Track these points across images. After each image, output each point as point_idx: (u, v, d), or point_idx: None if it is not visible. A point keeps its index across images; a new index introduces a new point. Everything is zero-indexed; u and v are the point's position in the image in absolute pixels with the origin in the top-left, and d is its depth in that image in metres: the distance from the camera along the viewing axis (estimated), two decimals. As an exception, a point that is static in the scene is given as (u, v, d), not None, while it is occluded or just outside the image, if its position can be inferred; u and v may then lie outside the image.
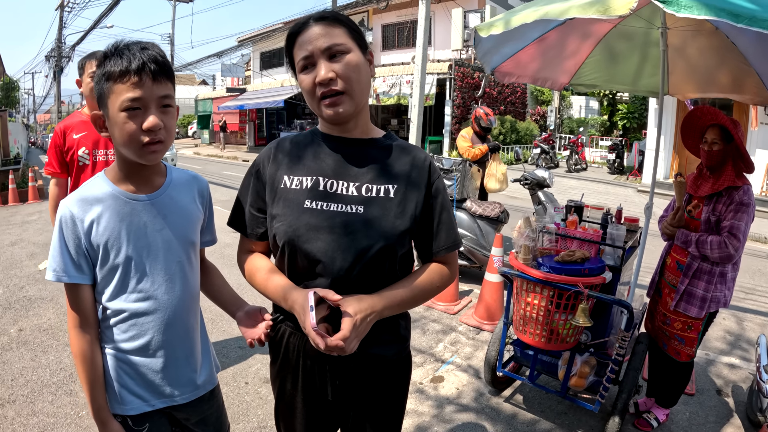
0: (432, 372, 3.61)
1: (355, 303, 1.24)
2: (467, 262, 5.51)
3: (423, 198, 1.38)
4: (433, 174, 1.42)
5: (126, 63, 1.26)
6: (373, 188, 1.34)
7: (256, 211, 1.43)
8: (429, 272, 1.42)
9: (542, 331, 2.62)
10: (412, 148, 1.44)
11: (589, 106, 23.04)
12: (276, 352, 1.49)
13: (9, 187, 11.26)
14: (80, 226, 1.35)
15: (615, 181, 15.16)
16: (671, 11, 1.85)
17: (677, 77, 3.34)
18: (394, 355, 1.45)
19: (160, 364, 1.46)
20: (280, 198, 1.36)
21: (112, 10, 24.22)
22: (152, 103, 1.29)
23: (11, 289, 5.35)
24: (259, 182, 1.43)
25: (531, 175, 5.37)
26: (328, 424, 1.52)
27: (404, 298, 1.35)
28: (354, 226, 1.30)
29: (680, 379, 2.87)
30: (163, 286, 1.43)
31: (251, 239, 1.46)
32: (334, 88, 1.27)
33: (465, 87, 18.29)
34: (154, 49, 1.31)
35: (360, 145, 1.40)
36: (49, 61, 29.59)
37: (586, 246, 2.85)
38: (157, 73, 1.28)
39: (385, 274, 1.35)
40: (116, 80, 1.26)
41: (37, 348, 3.95)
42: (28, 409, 3.12)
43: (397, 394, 1.51)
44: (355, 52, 1.30)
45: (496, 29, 2.45)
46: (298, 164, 1.39)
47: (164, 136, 1.32)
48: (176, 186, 1.49)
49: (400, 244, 1.34)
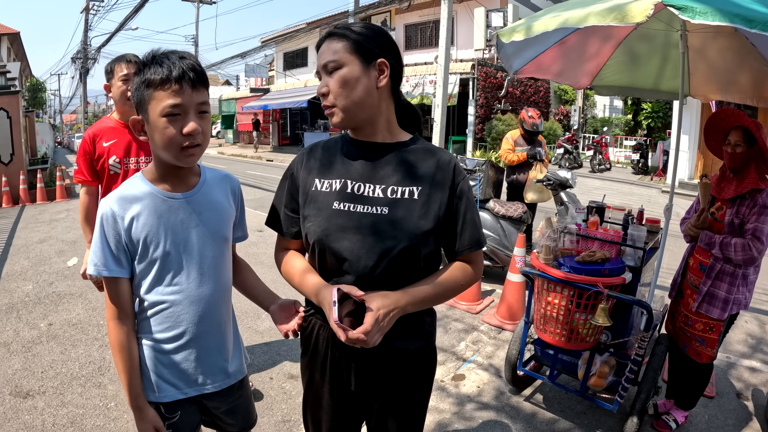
0: (453, 370, 3.64)
1: (379, 299, 1.30)
2: (490, 262, 5.52)
3: (447, 199, 1.43)
4: (458, 175, 1.46)
5: (167, 71, 1.33)
6: (398, 190, 1.40)
7: (290, 211, 1.52)
8: (453, 270, 1.47)
9: (562, 331, 2.64)
10: (437, 150, 1.49)
11: (613, 106, 22.76)
12: (306, 344, 1.56)
13: (37, 185, 11.52)
14: (120, 223, 1.43)
15: (639, 181, 14.95)
16: (686, 18, 1.88)
17: (698, 79, 3.33)
18: (418, 349, 1.50)
19: (193, 354, 1.53)
20: (312, 200, 1.44)
21: (137, 12, 24.63)
22: (191, 109, 1.37)
23: (41, 285, 5.50)
24: (292, 185, 1.52)
25: (553, 175, 5.35)
26: (353, 416, 1.57)
27: (428, 295, 1.40)
28: (379, 227, 1.37)
29: (700, 381, 2.86)
30: (197, 279, 1.50)
31: (287, 238, 1.55)
32: (325, 103, 1.40)
33: (488, 87, 18.22)
34: (191, 58, 1.39)
35: (386, 149, 1.46)
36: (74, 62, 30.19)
37: (607, 247, 2.87)
38: (196, 81, 1.36)
39: (410, 273, 1.40)
40: (157, 87, 1.34)
41: (67, 342, 4.07)
42: (58, 401, 3.22)
43: (420, 388, 1.55)
44: (352, 65, 1.36)
45: (518, 35, 2.48)
46: (328, 168, 1.47)
47: (201, 140, 1.40)
48: (210, 185, 1.56)
49: (423, 243, 1.38)
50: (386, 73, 1.41)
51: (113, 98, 2.86)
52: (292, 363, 3.67)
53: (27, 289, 5.38)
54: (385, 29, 1.48)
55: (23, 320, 4.51)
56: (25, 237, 7.88)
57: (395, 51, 1.44)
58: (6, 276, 5.87)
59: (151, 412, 1.49)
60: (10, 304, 4.87)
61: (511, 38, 2.57)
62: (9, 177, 11.09)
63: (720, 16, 1.82)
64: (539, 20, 2.38)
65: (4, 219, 9.47)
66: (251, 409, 1.79)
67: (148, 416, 1.48)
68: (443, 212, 1.42)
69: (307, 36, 24.20)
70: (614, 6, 2.04)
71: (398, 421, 1.54)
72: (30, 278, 5.76)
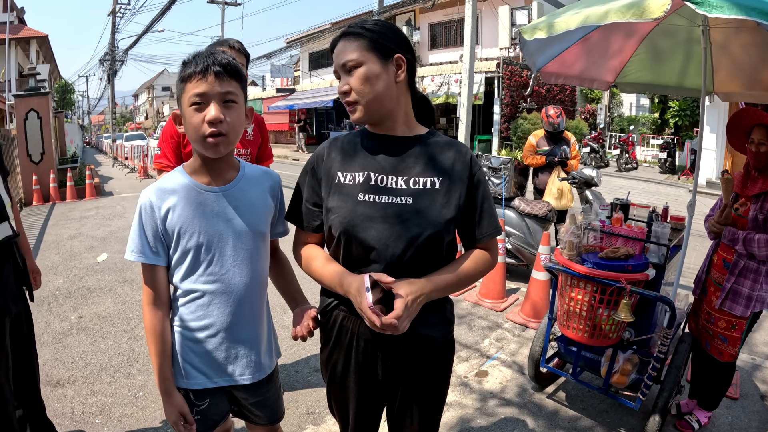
0: (477, 366, 3.65)
1: (406, 285, 1.35)
2: (515, 260, 5.51)
3: (466, 189, 1.48)
4: (474, 166, 1.52)
5: (194, 66, 1.41)
6: (420, 181, 1.45)
7: (312, 205, 1.56)
8: (473, 258, 1.52)
9: (585, 327, 2.63)
10: (454, 143, 1.54)
11: (640, 104, 22.37)
12: (328, 336, 1.59)
13: (67, 184, 11.80)
14: (157, 213, 1.48)
15: (666, 180, 14.70)
16: (703, 12, 1.87)
17: (722, 75, 3.29)
18: (441, 336, 1.54)
19: (224, 344, 1.57)
20: (336, 192, 1.48)
21: (164, 15, 24.96)
22: (214, 98, 1.41)
23: (71, 279, 5.65)
24: (314, 179, 1.55)
25: (578, 173, 5.29)
26: (378, 403, 1.61)
27: (450, 282, 1.45)
28: (405, 216, 1.41)
29: (722, 381, 2.83)
30: (231, 271, 1.54)
31: (307, 231, 1.59)
32: (348, 100, 1.44)
33: (513, 85, 18.09)
34: (223, 54, 1.45)
35: (405, 142, 1.51)
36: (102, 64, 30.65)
37: (631, 243, 2.85)
38: (220, 73, 1.41)
39: (433, 260, 1.45)
40: (186, 81, 1.42)
41: (96, 334, 4.18)
42: (87, 390, 3.31)
43: (441, 375, 1.59)
44: (371, 63, 1.41)
45: (540, 33, 2.50)
46: (350, 161, 1.51)
47: (226, 129, 1.43)
48: (248, 180, 1.60)
49: (446, 231, 1.44)
50: (403, 67, 1.46)
51: None
52: (317, 357, 3.71)
53: (58, 283, 5.53)
54: (396, 25, 1.51)
55: (54, 313, 4.65)
56: (56, 233, 8.10)
57: (409, 45, 1.49)
58: (38, 270, 6.02)
59: (178, 397, 1.52)
60: (41, 298, 5.01)
61: (533, 36, 2.58)
62: (39, 175, 11.40)
63: (737, 10, 1.81)
64: (560, 18, 2.39)
65: (35, 216, 9.73)
66: (279, 403, 1.82)
67: (175, 401, 1.52)
68: (463, 201, 1.47)
69: (331, 36, 24.24)
70: (633, 2, 2.04)
71: (420, 407, 1.57)
72: (60, 273, 5.92)
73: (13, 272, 2.09)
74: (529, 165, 5.89)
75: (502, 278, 4.89)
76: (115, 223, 8.82)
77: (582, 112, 21.06)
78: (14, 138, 11.52)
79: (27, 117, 11.29)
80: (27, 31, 24.31)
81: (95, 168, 17.10)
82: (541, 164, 5.73)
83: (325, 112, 27.44)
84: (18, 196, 11.27)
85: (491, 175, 5.72)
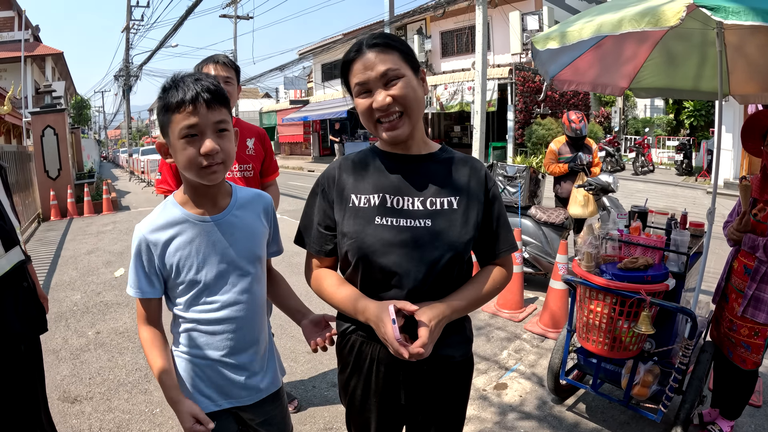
0: (496, 379, 3.60)
1: (428, 311, 1.32)
2: (532, 270, 5.44)
3: (483, 206, 1.46)
4: (489, 182, 1.49)
5: (181, 94, 1.36)
6: (437, 201, 1.41)
7: (324, 229, 1.50)
8: (491, 275, 1.50)
9: (605, 339, 2.59)
10: (467, 159, 1.51)
11: (654, 105, 22.12)
12: (346, 361, 1.54)
13: (84, 199, 11.95)
14: (153, 250, 1.48)
15: (683, 182, 14.51)
16: (719, 18, 1.84)
17: (738, 76, 3.23)
18: (462, 355, 1.52)
19: (227, 368, 1.57)
20: (350, 216, 1.43)
21: (176, 30, 25.26)
22: (208, 129, 1.39)
23: (89, 295, 5.70)
24: (325, 201, 1.49)
25: (595, 180, 5.19)
26: (398, 425, 1.58)
27: (470, 301, 1.43)
28: (424, 239, 1.37)
29: (745, 389, 2.76)
30: (231, 298, 1.53)
31: (320, 256, 1.53)
32: (394, 110, 1.35)
33: (526, 91, 18.04)
34: (207, 79, 1.42)
35: (419, 161, 1.47)
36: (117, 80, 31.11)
37: (650, 252, 2.80)
38: (211, 101, 1.38)
39: (453, 281, 1.43)
40: (174, 111, 1.37)
41: (114, 349, 4.19)
42: (105, 406, 3.32)
43: (462, 393, 1.57)
44: (409, 74, 1.37)
45: (553, 43, 2.46)
46: (363, 183, 1.46)
47: (222, 158, 1.41)
48: (241, 205, 1.59)
49: (466, 251, 1.42)
50: (426, 81, 1.44)
51: None
52: (334, 372, 3.69)
53: (75, 298, 5.58)
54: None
55: (71, 328, 4.69)
56: (73, 248, 8.19)
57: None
58: (55, 286, 6.10)
59: (188, 403, 1.51)
60: (59, 313, 5.07)
61: (546, 46, 2.55)
62: (57, 191, 11.57)
63: (753, 15, 1.78)
64: (573, 26, 2.35)
65: (53, 231, 9.86)
66: (287, 421, 1.81)
67: (185, 406, 1.50)
68: (480, 219, 1.45)
69: (344, 47, 24.49)
70: (647, 10, 2.01)
71: (441, 427, 1.54)
72: (78, 288, 5.97)
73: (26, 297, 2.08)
74: (552, 174, 5.73)
75: (519, 288, 4.83)
76: (132, 237, 8.85)
77: (596, 116, 20.92)
78: (31, 154, 11.71)
79: (43, 133, 11.48)
80: (42, 49, 24.75)
81: (112, 182, 17.30)
82: (564, 172, 5.59)
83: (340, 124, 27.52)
84: (36, 211, 11.43)
85: (507, 184, 5.66)
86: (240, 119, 2.94)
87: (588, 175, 5.44)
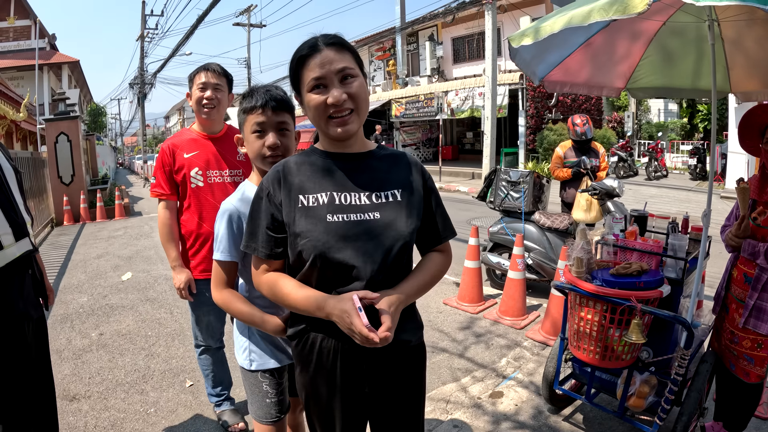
0: (492, 387, 3.54)
1: (386, 299, 1.40)
2: (536, 276, 5.37)
3: (422, 196, 1.58)
4: (425, 174, 1.62)
5: (254, 101, 1.81)
6: (382, 195, 1.50)
7: (272, 231, 1.50)
8: (435, 262, 1.62)
9: (596, 348, 2.52)
10: (402, 155, 1.63)
11: (668, 110, 21.81)
12: (306, 360, 1.53)
13: (97, 204, 12.10)
14: (242, 218, 1.77)
15: (697, 187, 14.24)
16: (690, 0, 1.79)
17: (738, 73, 3.11)
18: (417, 340, 1.62)
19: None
20: (301, 216, 1.44)
21: (188, 38, 25.47)
22: (270, 127, 1.82)
23: (95, 297, 5.77)
24: (271, 205, 1.50)
25: (599, 185, 5.09)
26: (363, 416, 1.60)
27: (419, 287, 1.53)
28: (375, 231, 1.45)
29: (749, 402, 2.66)
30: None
31: (269, 260, 1.53)
32: (347, 107, 1.43)
33: (537, 96, 17.94)
34: (276, 90, 1.85)
35: (361, 158, 1.55)
36: (132, 87, 31.38)
37: (647, 258, 2.73)
38: (275, 107, 1.81)
39: (403, 269, 1.53)
40: (248, 113, 1.82)
41: (115, 351, 4.25)
42: (101, 405, 3.37)
43: (419, 377, 1.66)
44: (359, 75, 1.46)
45: (528, 39, 2.42)
46: (309, 183, 1.49)
47: (282, 151, 1.83)
48: None
49: (413, 239, 1.53)
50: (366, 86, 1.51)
51: (192, 106, 2.80)
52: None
53: (82, 300, 5.65)
54: None
55: (76, 329, 4.75)
56: (84, 252, 8.28)
57: None
58: (63, 288, 6.18)
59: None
60: (65, 315, 5.14)
61: (520, 42, 2.50)
62: (70, 196, 11.72)
63: None
64: (546, 22, 2.31)
65: (64, 236, 9.99)
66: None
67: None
68: (422, 208, 1.56)
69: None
70: None
71: (401, 412, 1.61)
72: (85, 291, 6.05)
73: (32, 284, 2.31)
74: (557, 178, 5.68)
75: (522, 295, 4.76)
76: (141, 242, 8.97)
77: (609, 121, 20.70)
78: (45, 160, 11.88)
79: (57, 140, 11.65)
80: (59, 57, 25.21)
81: (126, 189, 17.50)
82: (569, 177, 5.54)
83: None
84: (49, 216, 11.59)
85: (510, 189, 5.60)
86: (232, 126, 2.95)
87: (593, 179, 5.37)
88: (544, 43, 2.49)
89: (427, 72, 22.72)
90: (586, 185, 5.32)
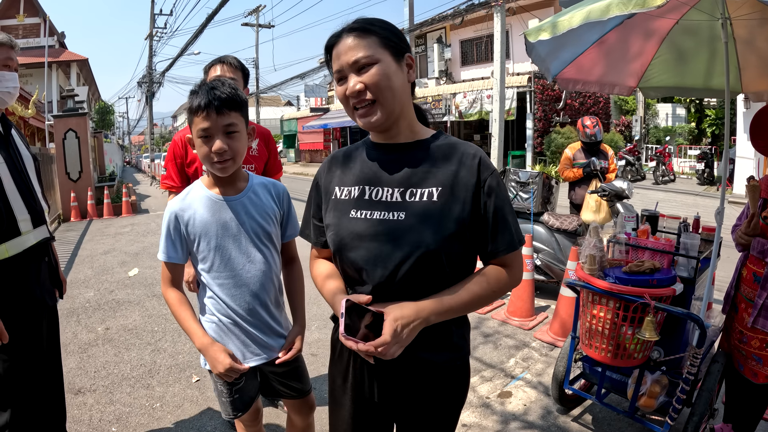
0: (500, 387, 3.52)
1: (396, 310, 1.23)
2: (544, 277, 5.34)
3: (472, 197, 1.31)
4: (484, 171, 1.33)
5: (197, 101, 1.67)
6: (417, 192, 1.32)
7: (317, 221, 1.50)
8: (484, 276, 1.36)
9: (608, 346, 2.50)
10: (460, 145, 1.39)
11: (676, 114, 21.71)
12: (333, 348, 1.55)
13: (104, 201, 12.14)
14: (181, 221, 1.79)
15: (704, 192, 14.16)
16: None
17: (750, 73, 3.09)
18: (446, 362, 1.40)
19: (249, 327, 1.83)
20: (331, 209, 1.42)
21: (197, 38, 25.54)
22: (217, 132, 1.69)
23: (101, 293, 5.78)
24: (318, 194, 1.51)
25: (609, 186, 5.08)
26: (375, 428, 1.51)
27: (453, 304, 1.30)
28: (394, 234, 1.30)
29: (758, 404, 2.62)
30: (246, 266, 1.80)
31: (317, 247, 1.54)
32: (365, 98, 1.30)
33: (545, 99, 17.91)
34: (221, 87, 1.69)
35: (405, 149, 1.39)
36: (141, 86, 31.53)
37: (659, 257, 2.71)
38: (220, 107, 1.66)
39: (433, 280, 1.31)
40: (193, 113, 1.70)
41: (121, 345, 4.25)
42: (107, 399, 3.37)
43: (447, 403, 1.47)
44: (385, 60, 1.30)
45: (545, 34, 2.40)
46: (348, 175, 1.43)
47: (231, 155, 1.71)
48: (256, 189, 1.88)
49: (445, 248, 1.29)
50: (414, 67, 1.39)
51: None
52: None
53: (88, 295, 5.66)
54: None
55: (82, 324, 4.76)
56: (91, 248, 8.31)
57: (409, 45, 1.39)
58: (70, 283, 6.18)
59: (218, 345, 1.76)
60: (71, 309, 5.15)
61: (537, 37, 2.49)
62: (77, 193, 11.76)
63: None
64: (564, 17, 2.30)
65: (71, 232, 10.02)
66: (306, 377, 2.07)
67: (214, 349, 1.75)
68: (467, 213, 1.31)
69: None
70: None
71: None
72: (92, 286, 6.07)
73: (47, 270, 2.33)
74: (566, 179, 5.65)
75: (530, 296, 4.74)
76: (148, 239, 8.99)
77: (617, 125, 20.63)
78: (53, 157, 11.92)
79: (65, 136, 11.69)
80: (68, 55, 25.28)
81: (133, 186, 17.54)
82: (579, 177, 5.51)
83: (359, 131, 27.58)
84: (57, 212, 11.62)
85: (519, 190, 5.59)
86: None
87: (602, 180, 5.35)
88: (558, 40, 2.49)
89: (435, 74, 22.72)
90: (595, 186, 5.31)
